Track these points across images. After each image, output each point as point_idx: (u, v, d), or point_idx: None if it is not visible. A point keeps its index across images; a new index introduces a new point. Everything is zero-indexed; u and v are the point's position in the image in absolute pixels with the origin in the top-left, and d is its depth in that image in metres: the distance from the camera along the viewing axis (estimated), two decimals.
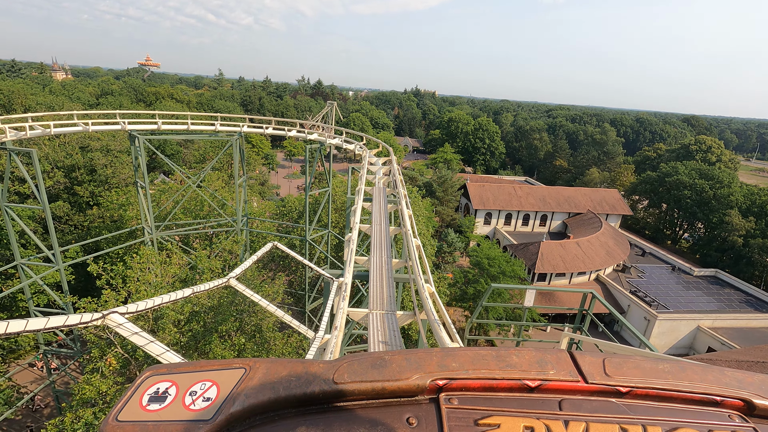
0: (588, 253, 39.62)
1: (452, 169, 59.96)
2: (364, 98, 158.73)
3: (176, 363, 1.04)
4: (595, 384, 0.87)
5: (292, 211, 28.23)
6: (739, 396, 0.86)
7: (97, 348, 14.08)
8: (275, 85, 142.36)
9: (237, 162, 19.95)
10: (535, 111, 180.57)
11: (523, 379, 0.87)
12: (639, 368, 0.91)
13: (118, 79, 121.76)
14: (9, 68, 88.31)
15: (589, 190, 56.16)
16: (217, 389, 0.85)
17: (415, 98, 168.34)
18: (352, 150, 19.20)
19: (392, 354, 0.94)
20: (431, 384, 0.85)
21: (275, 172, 79.70)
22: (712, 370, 0.93)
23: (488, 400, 0.84)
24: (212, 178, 27.96)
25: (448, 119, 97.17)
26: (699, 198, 50.51)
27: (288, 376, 0.87)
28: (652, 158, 78.17)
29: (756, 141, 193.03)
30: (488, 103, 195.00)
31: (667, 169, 55.86)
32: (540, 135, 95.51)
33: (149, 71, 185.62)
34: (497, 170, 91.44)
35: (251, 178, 56.06)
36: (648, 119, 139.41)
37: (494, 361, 0.91)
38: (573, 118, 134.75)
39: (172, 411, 0.81)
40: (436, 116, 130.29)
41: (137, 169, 18.57)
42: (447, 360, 0.91)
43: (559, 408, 0.83)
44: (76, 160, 25.20)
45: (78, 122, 15.99)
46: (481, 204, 50.33)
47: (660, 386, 0.87)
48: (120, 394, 13.17)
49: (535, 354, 0.95)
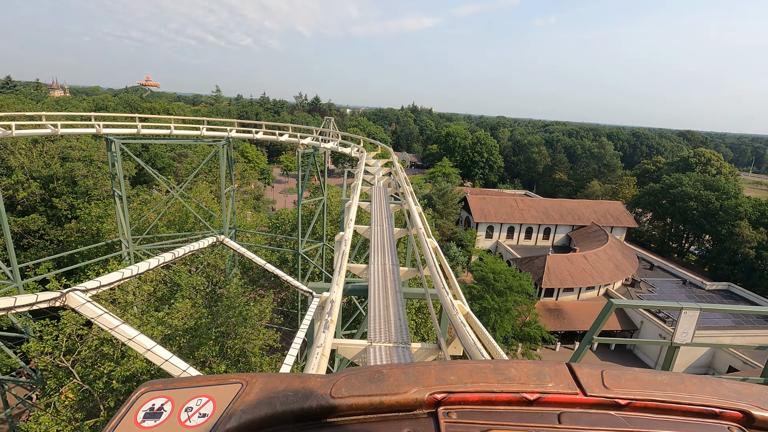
0: (596, 267, 37.95)
1: (451, 182, 58.70)
2: (362, 114, 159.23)
3: (172, 378, 0.94)
4: (593, 396, 0.86)
5: (286, 224, 26.60)
6: (738, 408, 0.85)
7: (54, 378, 12.24)
8: (272, 102, 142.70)
9: (224, 170, 18.41)
10: (531, 126, 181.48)
11: (522, 392, 0.86)
12: (637, 380, 0.90)
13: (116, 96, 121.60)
14: (3, 84, 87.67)
15: (593, 202, 54.87)
16: (213, 405, 0.83)
17: (413, 114, 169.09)
18: (348, 153, 17.75)
19: (390, 368, 0.92)
20: (429, 398, 0.84)
21: (271, 187, 78.42)
22: (710, 381, 0.92)
23: (487, 413, 0.83)
24: (202, 189, 26.40)
25: (446, 134, 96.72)
26: (705, 209, 49.26)
27: (285, 391, 0.86)
28: (652, 171, 77.48)
29: (751, 155, 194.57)
30: (485, 119, 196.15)
31: (671, 181, 54.82)
32: (538, 149, 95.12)
33: (148, 91, 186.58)
34: (496, 184, 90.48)
35: (246, 193, 54.63)
36: (644, 133, 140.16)
37: (492, 374, 0.90)
38: (570, 133, 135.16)
39: (168, 428, 0.79)
40: (433, 131, 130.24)
41: (114, 177, 16.99)
42: (445, 373, 0.90)
43: (558, 421, 0.81)
44: (55, 170, 23.63)
45: (46, 123, 14.49)
46: (482, 217, 48.85)
47: (659, 398, 0.86)
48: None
49: (533, 366, 0.93)
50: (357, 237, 21.98)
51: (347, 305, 19.50)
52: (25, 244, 23.50)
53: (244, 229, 24.80)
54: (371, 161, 15.52)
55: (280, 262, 23.85)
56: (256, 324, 14.20)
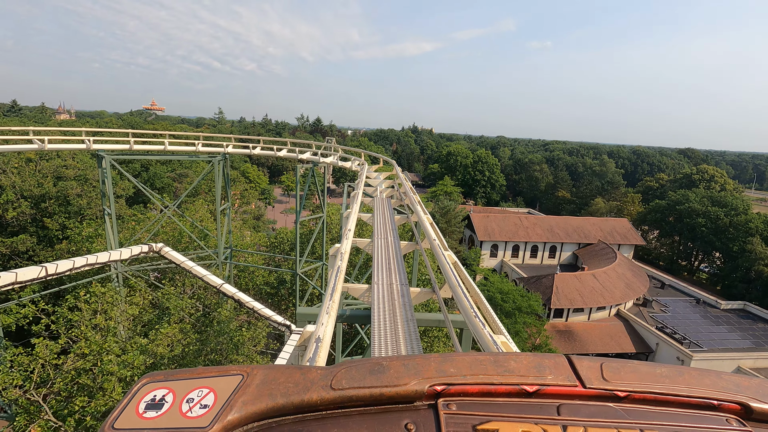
0: (606, 286, 36.62)
1: (454, 201, 58.00)
2: (363, 135, 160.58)
3: (173, 370, 0.95)
4: (593, 389, 0.87)
5: (284, 243, 25.67)
6: (737, 400, 0.86)
7: (25, 414, 11.10)
8: (275, 124, 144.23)
9: (219, 186, 17.67)
10: (531, 145, 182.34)
11: (522, 384, 0.87)
12: (636, 373, 0.91)
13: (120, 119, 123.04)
14: (9, 108, 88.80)
15: (598, 219, 53.88)
16: (214, 396, 0.83)
17: (413, 135, 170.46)
18: (349, 167, 17.01)
19: (390, 360, 0.93)
20: (429, 389, 0.85)
21: (272, 207, 77.89)
22: (709, 374, 0.93)
23: (486, 405, 0.84)
24: (198, 207, 25.64)
25: (447, 153, 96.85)
26: (715, 226, 48.16)
27: (286, 383, 0.86)
28: (655, 188, 76.85)
29: (752, 172, 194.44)
30: (485, 139, 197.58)
31: (677, 197, 53.96)
32: (540, 167, 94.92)
33: (153, 114, 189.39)
34: (498, 202, 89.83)
35: (246, 212, 53.95)
36: (645, 151, 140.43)
37: (492, 366, 0.91)
38: (570, 151, 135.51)
39: (169, 418, 0.79)
40: (434, 151, 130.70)
41: (104, 195, 16.25)
42: (445, 365, 0.91)
43: (557, 413, 0.82)
44: (48, 189, 22.98)
45: (33, 139, 13.86)
46: (486, 235, 47.83)
47: (658, 390, 0.87)
48: None
49: (533, 359, 0.94)
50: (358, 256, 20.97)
51: (346, 327, 18.33)
52: (12, 266, 22.62)
53: (241, 248, 23.89)
54: (372, 174, 14.73)
55: (277, 283, 22.81)
56: (249, 351, 13.14)
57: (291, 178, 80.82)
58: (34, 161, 24.28)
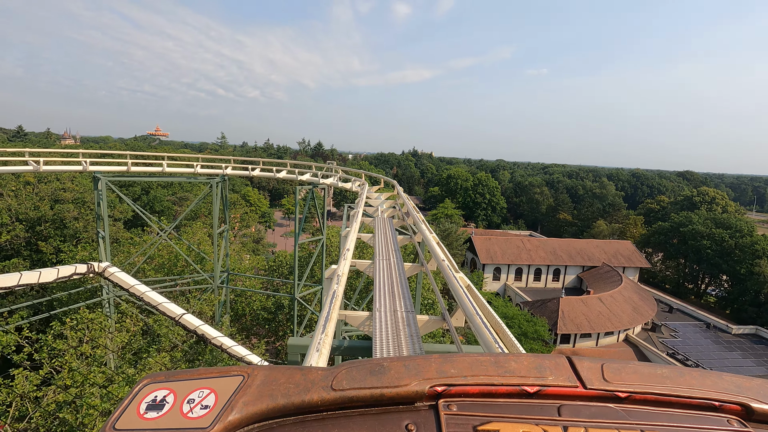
0: (613, 310, 35.67)
1: (455, 223, 57.62)
2: (364, 159, 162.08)
3: (174, 371, 0.98)
4: (593, 389, 0.87)
5: (283, 266, 25.10)
6: (738, 401, 0.86)
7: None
8: (276, 148, 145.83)
9: (217, 208, 17.34)
10: (531, 169, 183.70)
11: (522, 384, 0.87)
12: (637, 373, 0.90)
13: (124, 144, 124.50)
14: (14, 134, 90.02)
15: (602, 242, 53.28)
16: (215, 397, 0.84)
17: (413, 158, 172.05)
18: (349, 188, 16.73)
19: (391, 360, 0.93)
20: (430, 390, 0.85)
21: (272, 231, 77.48)
22: (710, 375, 0.92)
23: (487, 406, 0.84)
24: (196, 230, 25.25)
25: (447, 176, 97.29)
26: (720, 248, 47.50)
27: (286, 384, 0.86)
28: (657, 210, 76.57)
29: (752, 194, 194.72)
30: (484, 162, 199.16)
31: (680, 219, 53.57)
32: (540, 189, 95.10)
33: (157, 140, 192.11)
34: (500, 225, 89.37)
35: (246, 236, 53.50)
36: (644, 174, 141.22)
37: (493, 367, 0.90)
38: (570, 174, 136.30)
39: (170, 419, 0.80)
40: (434, 174, 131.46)
41: (99, 218, 15.91)
42: (446, 366, 0.91)
43: (558, 414, 0.82)
44: (44, 212, 22.68)
45: (28, 160, 13.65)
46: (488, 258, 47.14)
47: (659, 391, 0.87)
48: None
49: (533, 359, 0.94)
50: (358, 279, 20.38)
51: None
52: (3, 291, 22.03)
53: (239, 272, 23.31)
54: (373, 195, 14.41)
55: (275, 308, 22.10)
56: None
57: (292, 201, 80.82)
58: (32, 184, 24.11)
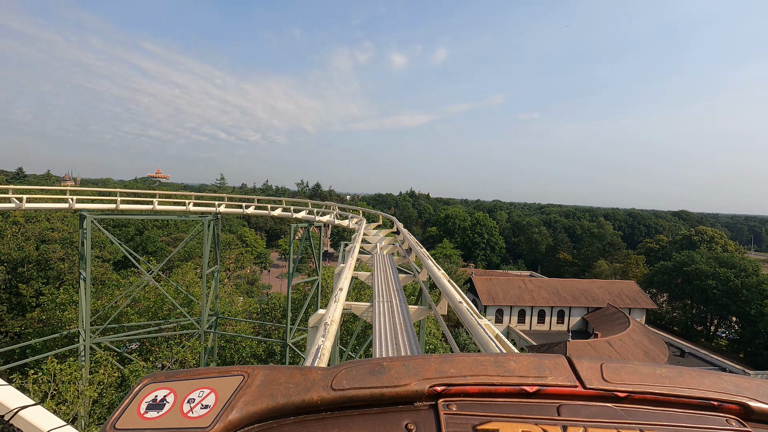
0: (623, 354, 33.90)
1: (454, 263, 56.60)
2: (361, 199, 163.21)
3: (174, 370, 0.95)
4: (593, 389, 0.86)
5: (276, 309, 23.86)
6: (737, 400, 0.85)
7: None
8: (274, 189, 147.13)
9: (208, 248, 16.58)
10: (527, 209, 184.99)
11: (522, 384, 0.87)
12: (637, 373, 0.90)
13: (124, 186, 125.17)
14: (13, 176, 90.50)
15: (605, 282, 52.09)
16: (215, 396, 0.83)
17: (411, 199, 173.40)
18: (346, 225, 16.11)
19: (391, 360, 0.92)
20: (429, 390, 0.85)
21: (267, 272, 75.90)
22: (709, 375, 0.92)
23: (487, 405, 0.84)
24: (186, 270, 24.24)
25: (445, 216, 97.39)
26: (726, 288, 46.38)
27: (287, 383, 0.86)
28: (656, 250, 76.05)
29: (748, 233, 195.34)
30: (481, 202, 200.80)
31: (682, 258, 52.83)
32: (539, 229, 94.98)
33: (157, 182, 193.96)
34: (499, 265, 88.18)
35: (240, 277, 52.07)
36: (640, 214, 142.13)
37: (492, 367, 0.90)
38: (566, 214, 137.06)
39: (170, 419, 0.79)
40: (431, 215, 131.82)
41: (81, 258, 15.09)
42: (445, 366, 0.90)
43: (557, 413, 0.82)
44: (28, 252, 21.79)
45: (11, 197, 13.08)
46: (490, 300, 45.68)
47: (658, 391, 0.87)
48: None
49: (533, 359, 0.93)
50: (354, 323, 19.19)
51: None
52: None
53: (229, 315, 22.06)
54: (371, 232, 13.75)
55: (266, 355, 20.64)
56: None
57: (288, 241, 79.97)
58: (19, 224, 23.41)
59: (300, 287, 26.29)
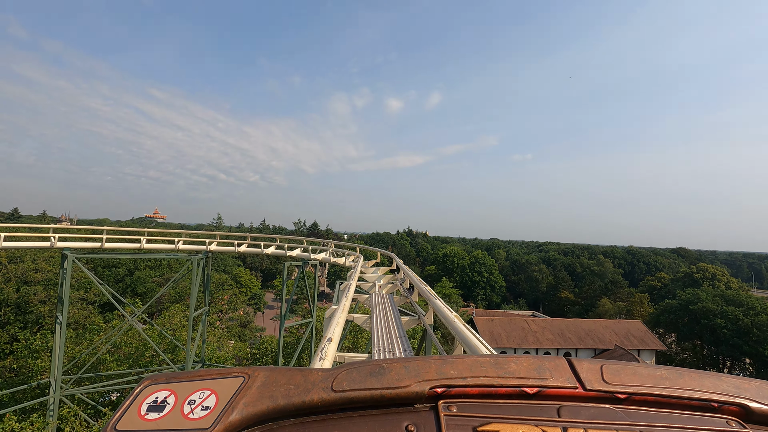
0: None
1: (455, 303, 54.99)
2: (359, 239, 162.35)
3: (175, 372, 0.95)
4: (593, 390, 0.87)
5: (268, 354, 22.42)
6: (737, 402, 0.86)
7: None
8: (272, 229, 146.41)
9: (196, 288, 15.68)
10: (525, 247, 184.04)
11: (522, 385, 0.87)
12: (637, 375, 0.91)
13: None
14: (8, 217, 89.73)
15: (610, 321, 50.45)
16: (216, 398, 0.84)
17: (408, 238, 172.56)
18: (342, 263, 15.33)
19: (391, 362, 0.92)
20: (430, 391, 0.86)
21: (262, 313, 73.46)
22: (709, 376, 0.92)
23: (487, 407, 0.84)
24: (173, 313, 23.03)
25: (443, 254, 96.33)
26: (736, 327, 44.85)
27: (287, 385, 0.87)
28: (658, 288, 74.77)
29: (748, 270, 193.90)
30: (479, 241, 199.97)
31: (687, 297, 51.58)
32: (538, 267, 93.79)
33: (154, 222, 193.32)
34: (500, 305, 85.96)
35: (232, 319, 50.09)
36: (638, 251, 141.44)
37: (493, 368, 0.90)
38: (565, 252, 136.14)
39: (171, 420, 0.80)
40: (429, 253, 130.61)
41: (60, 301, 14.15)
42: (445, 367, 0.91)
43: (557, 414, 0.83)
44: (7, 295, 20.70)
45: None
46: (493, 341, 43.79)
47: (658, 392, 0.87)
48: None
49: (533, 361, 0.94)
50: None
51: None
52: None
53: (217, 361, 20.62)
54: (369, 269, 12.96)
55: None
56: None
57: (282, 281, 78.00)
58: (2, 264, 22.48)
59: (294, 330, 24.96)
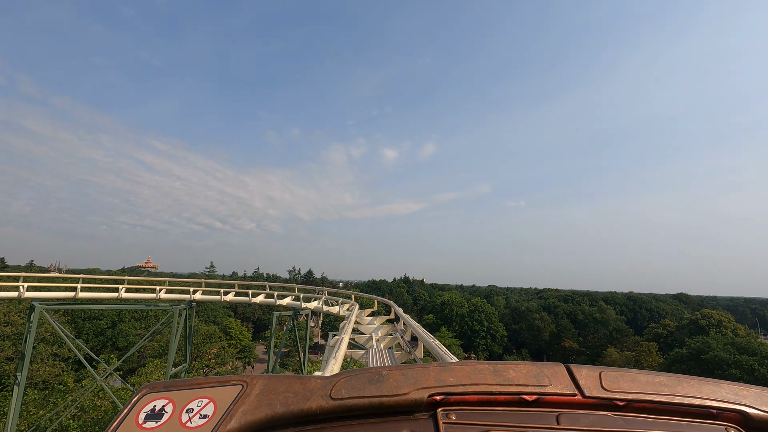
0: None
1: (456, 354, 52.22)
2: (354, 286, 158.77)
3: (173, 380, 0.94)
4: (592, 397, 0.87)
5: None
6: (736, 408, 0.85)
7: None
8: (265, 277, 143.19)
9: (175, 342, 14.31)
10: (524, 293, 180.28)
11: (521, 393, 0.87)
12: (636, 381, 0.90)
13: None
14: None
15: None
16: (214, 406, 0.83)
17: (405, 285, 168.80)
18: (336, 312, 14.18)
19: (390, 369, 0.92)
20: (429, 399, 0.85)
21: (251, 367, 69.31)
22: (708, 382, 0.92)
23: (486, 414, 0.84)
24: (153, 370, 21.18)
25: (441, 302, 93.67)
26: (752, 378, 42.54)
27: (285, 393, 0.86)
28: (664, 335, 72.27)
29: (752, 316, 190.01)
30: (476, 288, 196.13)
31: (697, 345, 49.56)
32: (540, 315, 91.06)
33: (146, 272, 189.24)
34: (502, 355, 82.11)
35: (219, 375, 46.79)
36: (639, 297, 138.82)
37: (491, 376, 0.90)
38: (565, 298, 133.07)
39: (169, 428, 0.79)
40: (427, 301, 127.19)
41: (22, 358, 12.76)
42: (444, 375, 0.91)
43: (556, 422, 0.82)
44: None
45: None
46: None
47: (657, 399, 0.87)
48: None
49: (532, 368, 0.94)
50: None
51: None
52: None
53: None
54: (366, 320, 11.88)
55: None
56: None
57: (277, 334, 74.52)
58: None
59: None
